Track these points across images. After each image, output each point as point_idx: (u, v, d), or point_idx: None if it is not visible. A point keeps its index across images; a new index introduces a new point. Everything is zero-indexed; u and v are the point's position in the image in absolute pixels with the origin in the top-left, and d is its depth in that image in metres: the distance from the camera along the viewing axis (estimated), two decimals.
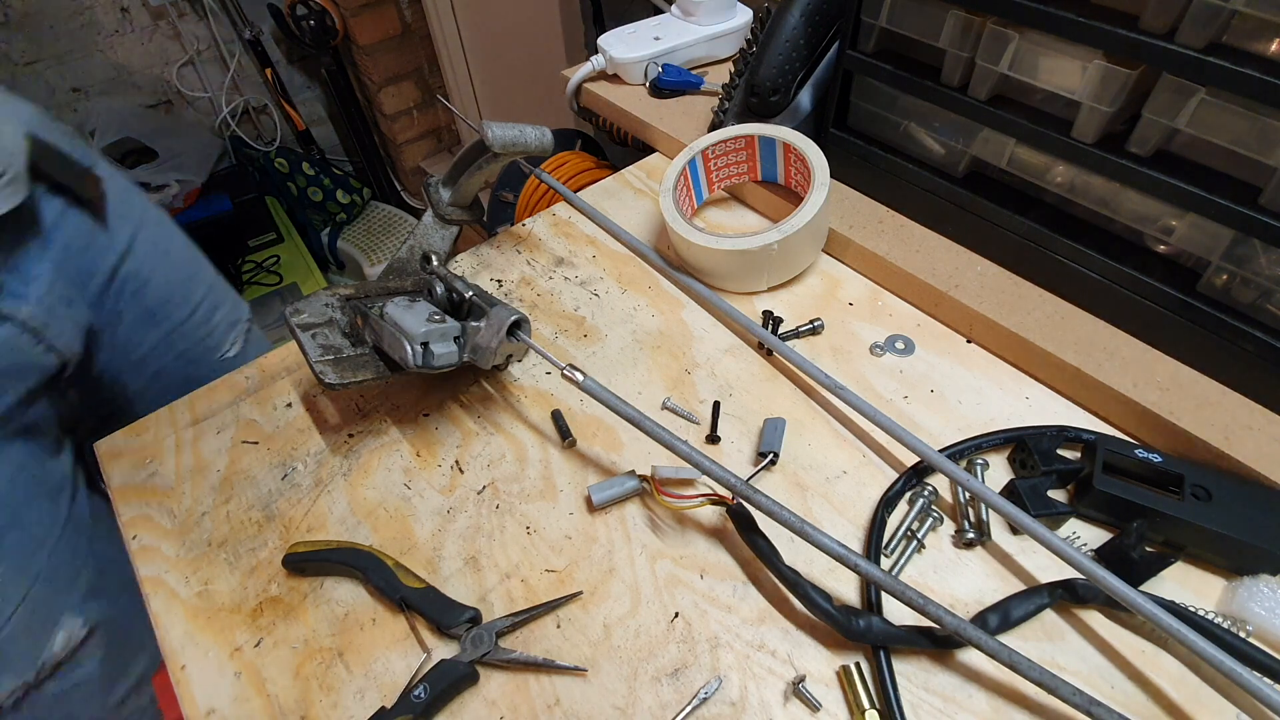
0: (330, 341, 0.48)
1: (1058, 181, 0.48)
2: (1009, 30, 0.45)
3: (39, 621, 0.59)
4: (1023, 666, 0.34)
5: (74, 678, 0.63)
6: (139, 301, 0.70)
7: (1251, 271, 0.41)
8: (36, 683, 0.60)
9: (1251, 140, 0.38)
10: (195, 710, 0.38)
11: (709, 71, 0.79)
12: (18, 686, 0.59)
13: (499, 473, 0.47)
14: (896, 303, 0.55)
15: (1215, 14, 0.36)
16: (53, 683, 0.61)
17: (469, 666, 0.38)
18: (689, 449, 0.40)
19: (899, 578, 0.40)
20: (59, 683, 0.62)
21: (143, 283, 0.70)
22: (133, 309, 0.70)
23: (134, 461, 0.50)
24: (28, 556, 0.58)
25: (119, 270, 0.69)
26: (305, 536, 0.45)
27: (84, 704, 0.65)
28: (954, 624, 0.35)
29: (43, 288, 0.59)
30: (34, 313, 0.58)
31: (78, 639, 0.62)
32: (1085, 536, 0.41)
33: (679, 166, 0.59)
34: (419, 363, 0.44)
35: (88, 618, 0.62)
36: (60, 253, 0.63)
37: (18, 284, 0.58)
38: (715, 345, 0.54)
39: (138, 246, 0.71)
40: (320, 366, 0.46)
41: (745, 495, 0.39)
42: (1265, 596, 0.37)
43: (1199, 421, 0.42)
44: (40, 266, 0.60)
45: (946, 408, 0.48)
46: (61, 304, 0.61)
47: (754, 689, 0.37)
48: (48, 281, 0.60)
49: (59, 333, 0.60)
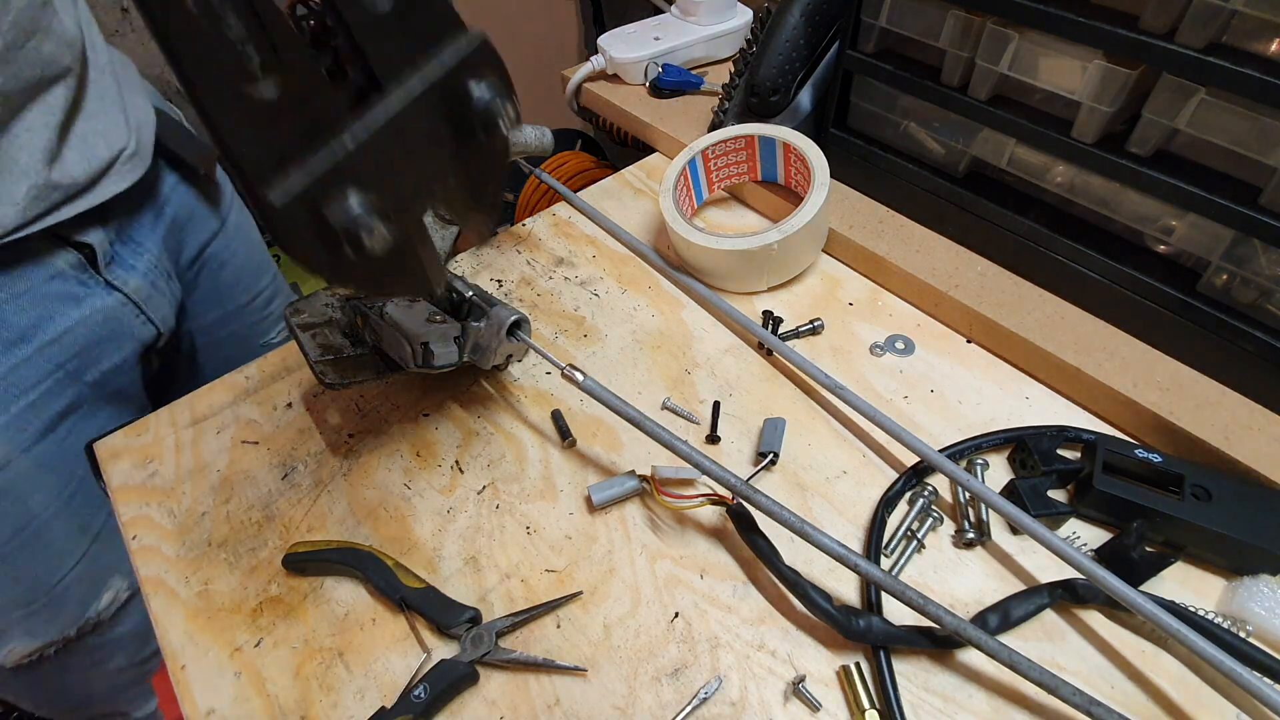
0: (330, 341, 0.48)
1: (1058, 181, 0.48)
2: (1009, 30, 0.45)
3: (91, 580, 0.61)
4: (1023, 666, 0.34)
5: (111, 635, 0.65)
6: (214, 280, 0.72)
7: (1251, 271, 0.41)
8: (78, 637, 0.62)
9: (1251, 140, 0.38)
10: (195, 710, 0.38)
11: (709, 71, 0.79)
12: (58, 640, 0.61)
13: (499, 473, 0.47)
14: (896, 303, 0.55)
15: (1215, 14, 0.36)
16: (92, 637, 0.63)
17: (469, 666, 0.38)
18: (689, 449, 0.40)
19: (899, 578, 0.40)
20: (97, 637, 0.64)
21: (222, 263, 0.72)
22: (206, 285, 0.72)
23: (134, 461, 0.50)
24: (90, 515, 0.60)
25: (208, 248, 0.71)
26: (305, 536, 0.45)
27: (114, 658, 0.67)
28: (954, 624, 0.35)
29: (151, 260, 0.62)
30: (140, 285, 0.60)
31: (122, 600, 0.64)
32: (1085, 536, 0.41)
33: (679, 166, 0.59)
34: (419, 363, 0.44)
35: (132, 580, 0.64)
36: (168, 226, 0.65)
37: (130, 255, 0.60)
38: (715, 345, 0.54)
39: (228, 226, 0.73)
40: (320, 367, 0.46)
41: (745, 495, 0.39)
42: (1265, 596, 0.37)
43: (1199, 421, 0.42)
44: (151, 238, 0.62)
45: (946, 408, 0.48)
46: (162, 278, 0.63)
47: (754, 689, 0.37)
48: (155, 254, 0.62)
49: (157, 306, 0.62)
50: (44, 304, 0.54)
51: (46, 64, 0.50)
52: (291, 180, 0.24)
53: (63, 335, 0.55)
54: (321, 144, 0.25)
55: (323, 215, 0.25)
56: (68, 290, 0.55)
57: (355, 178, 0.25)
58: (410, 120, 0.27)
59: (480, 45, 0.29)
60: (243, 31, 0.22)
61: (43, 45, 0.49)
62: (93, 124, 0.54)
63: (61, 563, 0.59)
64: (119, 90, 0.58)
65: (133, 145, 0.57)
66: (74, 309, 0.55)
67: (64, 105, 0.52)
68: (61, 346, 0.55)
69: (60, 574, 0.59)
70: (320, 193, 0.25)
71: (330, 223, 0.25)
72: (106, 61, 0.58)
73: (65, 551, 0.59)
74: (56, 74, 0.51)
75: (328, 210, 0.25)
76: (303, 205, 0.24)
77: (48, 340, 0.54)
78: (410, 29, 0.28)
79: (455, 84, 0.28)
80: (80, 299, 0.56)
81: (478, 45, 0.29)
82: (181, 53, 0.21)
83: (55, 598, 0.59)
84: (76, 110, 0.53)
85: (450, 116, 0.29)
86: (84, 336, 0.56)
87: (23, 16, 0.47)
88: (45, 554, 0.58)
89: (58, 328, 0.55)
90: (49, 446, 0.55)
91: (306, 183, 0.24)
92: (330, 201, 0.25)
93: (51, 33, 0.50)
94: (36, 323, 0.53)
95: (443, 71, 0.28)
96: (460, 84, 0.28)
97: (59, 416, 0.56)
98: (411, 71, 0.27)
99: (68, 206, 0.52)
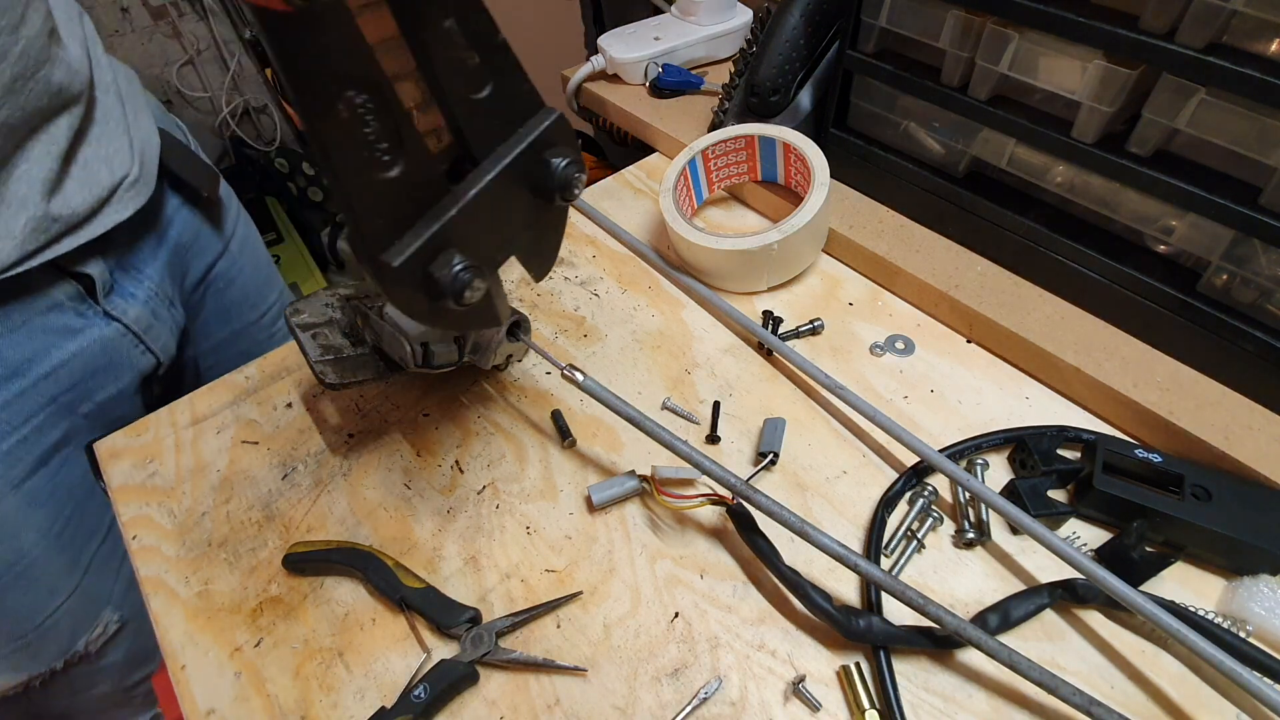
0: (330, 341, 0.48)
1: (1058, 181, 0.48)
2: (1009, 30, 0.45)
3: (82, 613, 0.60)
4: (1023, 666, 0.34)
5: (98, 665, 0.64)
6: (220, 300, 0.70)
7: (1251, 271, 0.41)
8: (65, 668, 0.60)
9: (1251, 140, 0.38)
10: (195, 710, 0.38)
11: (709, 71, 0.79)
12: (44, 672, 0.59)
13: (499, 473, 0.47)
14: (896, 303, 0.55)
15: (1215, 14, 0.36)
16: (79, 668, 0.62)
17: (469, 666, 0.38)
18: (689, 449, 0.40)
19: (899, 578, 0.40)
20: (84, 667, 0.62)
21: (229, 282, 0.71)
22: (213, 305, 0.70)
23: (134, 461, 0.50)
24: (80, 549, 0.58)
25: (214, 268, 0.69)
26: (305, 536, 0.45)
27: (100, 685, 0.66)
28: (954, 624, 0.35)
29: (152, 287, 0.60)
30: (140, 314, 0.58)
31: (111, 632, 0.62)
32: (1085, 536, 0.41)
33: (679, 166, 0.59)
34: (419, 363, 0.44)
35: (123, 613, 0.63)
36: (171, 251, 0.63)
37: (130, 283, 0.58)
38: (715, 345, 0.54)
39: (233, 245, 0.71)
40: (320, 367, 0.46)
41: (745, 495, 0.39)
42: (1265, 596, 0.37)
43: (1199, 421, 0.42)
44: (153, 265, 0.60)
45: (946, 408, 0.48)
46: (164, 305, 0.61)
47: (754, 689, 0.37)
48: (157, 281, 0.60)
49: (158, 335, 0.60)
50: (40, 337, 0.52)
51: (55, 94, 0.48)
52: (405, 244, 0.28)
53: (58, 368, 0.53)
54: (429, 213, 0.29)
55: (430, 273, 0.29)
56: (65, 323, 0.53)
57: (456, 240, 0.30)
58: (498, 188, 0.31)
59: (557, 120, 0.33)
60: (380, 131, 0.27)
61: (52, 75, 0.47)
62: (96, 150, 0.53)
63: (52, 598, 0.57)
64: (123, 111, 0.57)
65: (136, 171, 0.56)
66: (71, 341, 0.53)
67: (69, 134, 0.50)
68: (57, 380, 0.53)
69: (50, 609, 0.57)
70: (428, 255, 0.29)
71: (436, 279, 0.29)
72: (111, 80, 0.56)
73: (56, 588, 0.57)
74: (64, 103, 0.49)
75: (434, 268, 0.29)
76: (414, 265, 0.29)
77: (43, 374, 0.52)
78: (501, 110, 0.32)
79: (536, 155, 0.33)
80: (78, 331, 0.54)
81: (554, 120, 0.33)
82: (331, 148, 0.26)
83: (44, 632, 0.57)
84: (81, 138, 0.52)
85: (530, 183, 0.33)
86: (81, 369, 0.54)
87: (31, 47, 0.45)
88: (35, 590, 0.56)
89: (53, 361, 0.53)
90: (40, 481, 0.54)
91: (417, 246, 0.29)
92: (436, 261, 0.29)
93: (60, 62, 0.48)
94: (32, 357, 0.51)
95: (526, 145, 0.32)
96: (540, 155, 0.33)
97: (52, 450, 0.54)
98: (501, 147, 0.32)
99: (68, 239, 0.50)
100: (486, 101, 0.31)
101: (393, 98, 0.28)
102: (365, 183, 0.27)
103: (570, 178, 0.33)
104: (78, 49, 0.51)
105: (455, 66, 0.30)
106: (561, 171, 0.33)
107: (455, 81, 0.30)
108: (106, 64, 0.57)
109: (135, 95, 0.60)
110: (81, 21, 0.55)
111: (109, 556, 0.61)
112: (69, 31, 0.51)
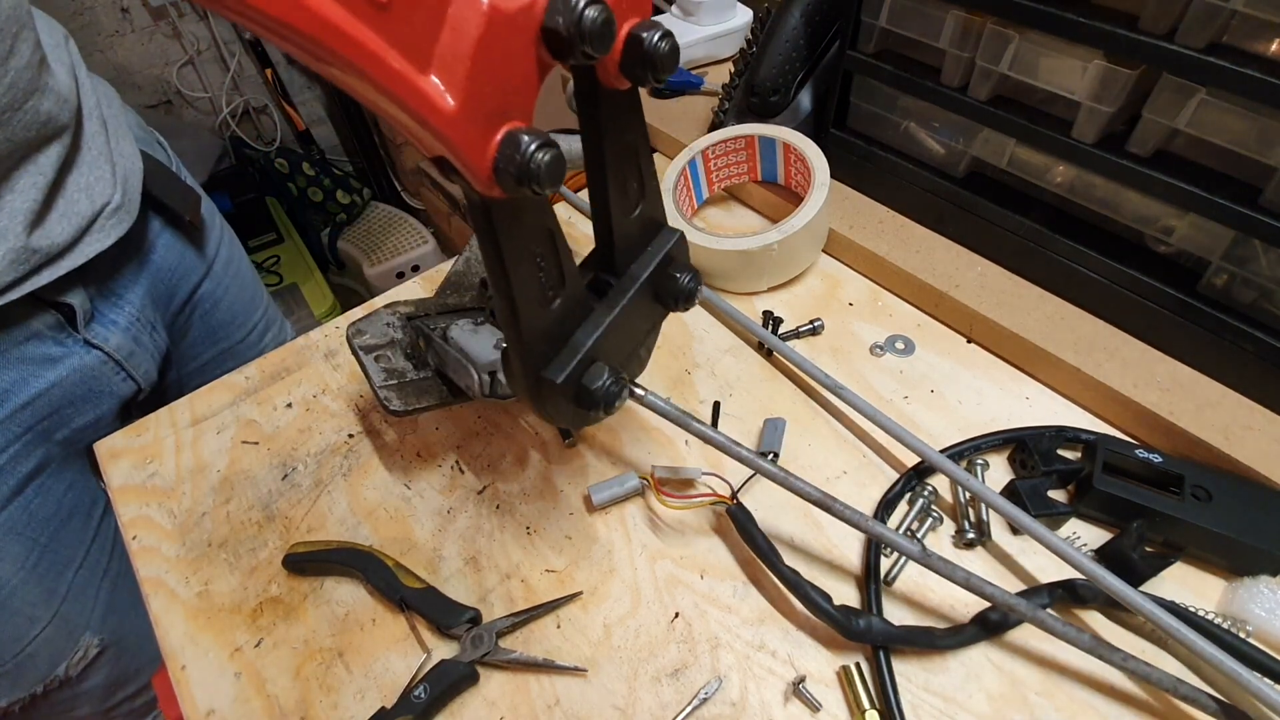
0: (393, 365, 0.45)
1: (1058, 181, 0.48)
2: (1009, 30, 0.45)
3: (61, 640, 0.59)
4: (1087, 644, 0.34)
5: (79, 689, 0.63)
6: (206, 321, 0.69)
7: (1251, 271, 0.41)
8: (45, 694, 0.59)
9: (1251, 140, 0.38)
10: (195, 710, 0.38)
11: (709, 71, 0.79)
12: (24, 698, 0.58)
13: (499, 473, 0.47)
14: (896, 303, 0.55)
15: (1215, 14, 0.36)
16: (59, 692, 0.61)
17: (469, 667, 0.38)
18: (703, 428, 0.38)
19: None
20: (65, 691, 0.61)
21: (214, 303, 0.69)
22: (198, 327, 0.68)
23: (134, 461, 0.50)
24: (56, 579, 0.57)
25: (198, 290, 0.67)
26: (305, 536, 0.45)
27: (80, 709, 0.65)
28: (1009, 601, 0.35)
29: (134, 313, 0.58)
30: (121, 342, 0.57)
31: (91, 656, 0.61)
32: (1085, 537, 0.41)
33: (679, 166, 0.59)
34: (487, 392, 0.42)
35: (103, 637, 0.62)
36: (153, 276, 0.61)
37: (112, 310, 0.57)
38: (715, 345, 0.54)
39: (217, 266, 0.70)
40: (385, 393, 0.43)
41: (759, 468, 0.38)
42: (1265, 597, 0.37)
43: (1199, 421, 0.42)
44: (135, 291, 0.59)
45: (946, 408, 0.48)
46: (146, 331, 0.60)
47: (754, 689, 0.37)
48: (139, 307, 0.59)
49: (140, 362, 0.59)
50: (18, 368, 0.50)
51: (44, 124, 0.47)
52: (564, 361, 0.32)
53: (37, 398, 0.52)
54: (580, 329, 0.33)
55: (583, 384, 0.33)
56: (44, 352, 0.52)
57: (602, 354, 0.34)
58: (634, 302, 0.35)
59: (679, 238, 0.37)
60: (550, 274, 0.31)
61: (40, 105, 0.46)
62: (78, 177, 0.51)
63: (30, 627, 0.56)
64: (106, 136, 0.55)
65: (118, 198, 0.54)
66: (50, 370, 0.52)
67: (56, 164, 0.49)
68: (34, 409, 0.52)
69: (29, 637, 0.56)
70: (582, 370, 0.33)
71: (591, 391, 0.32)
72: (95, 104, 0.55)
73: (34, 617, 0.56)
74: (53, 133, 0.48)
75: (587, 380, 0.33)
76: (572, 379, 0.32)
77: (20, 404, 0.51)
78: (640, 230, 0.36)
79: (664, 271, 0.37)
80: (57, 360, 0.52)
81: (677, 238, 0.37)
82: (516, 296, 0.29)
83: (23, 661, 0.56)
84: (69, 169, 0.50)
85: (653, 293, 0.37)
86: (59, 397, 0.53)
87: (20, 78, 0.44)
88: (13, 620, 0.55)
89: (32, 391, 0.51)
90: (14, 512, 0.53)
91: (575, 363, 0.32)
92: (588, 374, 0.33)
93: (49, 91, 0.47)
94: (9, 387, 0.50)
95: (656, 263, 0.36)
96: (667, 270, 0.37)
97: (26, 479, 0.53)
98: (634, 265, 0.36)
99: (47, 270, 0.49)
100: (635, 222, 0.35)
101: (562, 245, 0.31)
102: (535, 315, 0.30)
103: (693, 291, 0.37)
104: (65, 75, 0.50)
105: (621, 189, 0.34)
106: (686, 285, 0.37)
107: (619, 206, 0.34)
108: (90, 87, 0.56)
109: (116, 117, 0.59)
110: (67, 45, 0.54)
111: (86, 583, 0.60)
112: (56, 57, 0.50)
